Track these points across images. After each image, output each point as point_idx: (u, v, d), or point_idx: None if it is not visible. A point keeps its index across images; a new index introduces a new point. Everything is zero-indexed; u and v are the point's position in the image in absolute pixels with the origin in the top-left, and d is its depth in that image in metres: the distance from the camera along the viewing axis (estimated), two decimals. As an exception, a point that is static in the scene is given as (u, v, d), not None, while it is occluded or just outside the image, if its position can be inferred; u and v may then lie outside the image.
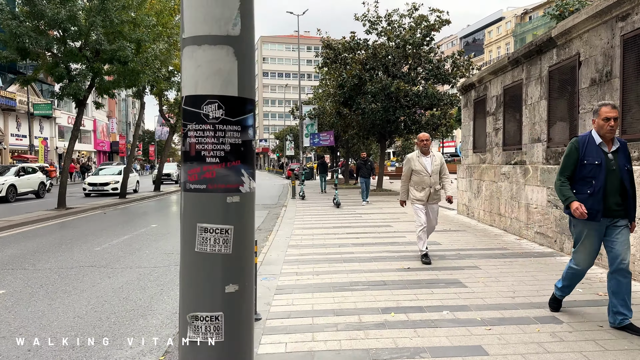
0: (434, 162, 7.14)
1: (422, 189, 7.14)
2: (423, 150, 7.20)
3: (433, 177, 7.10)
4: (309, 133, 31.78)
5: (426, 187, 7.10)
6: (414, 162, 7.16)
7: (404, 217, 12.82)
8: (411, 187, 7.29)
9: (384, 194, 21.07)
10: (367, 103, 19.33)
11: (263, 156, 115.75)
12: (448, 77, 20.08)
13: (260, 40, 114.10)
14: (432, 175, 7.09)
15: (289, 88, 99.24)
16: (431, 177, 7.08)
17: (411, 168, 7.19)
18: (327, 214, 13.97)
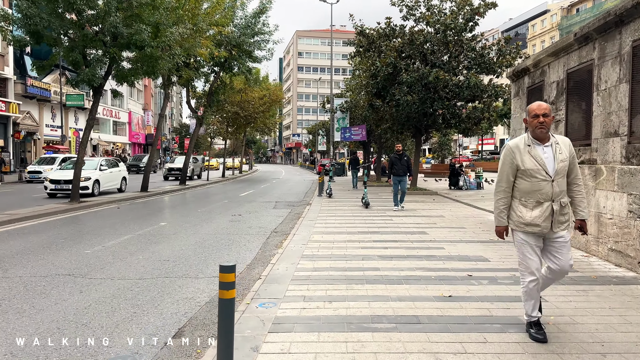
0: (558, 155, 3.94)
1: (538, 205, 3.95)
2: (538, 133, 3.94)
3: (558, 183, 3.94)
4: (340, 127, 30.34)
5: (545, 200, 3.92)
6: (521, 156, 3.96)
7: (441, 221, 11.21)
8: (515, 202, 4.06)
9: (419, 194, 19.40)
10: (401, 94, 17.69)
11: (296, 151, 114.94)
12: (493, 66, 18.21)
13: (296, 35, 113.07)
14: (557, 180, 3.93)
15: (323, 83, 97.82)
16: (554, 182, 3.91)
17: (516, 165, 3.99)
18: (353, 216, 12.50)
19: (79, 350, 4.10)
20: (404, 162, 13.63)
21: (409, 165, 13.73)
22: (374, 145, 32.97)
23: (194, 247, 8.72)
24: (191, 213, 13.90)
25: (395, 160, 13.69)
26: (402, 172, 13.62)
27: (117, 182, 20.63)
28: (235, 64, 27.24)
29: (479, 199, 17.49)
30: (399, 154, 13.76)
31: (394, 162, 13.73)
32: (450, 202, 16.24)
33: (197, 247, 8.72)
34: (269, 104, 38.62)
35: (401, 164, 13.61)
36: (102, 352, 4.08)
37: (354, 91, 30.85)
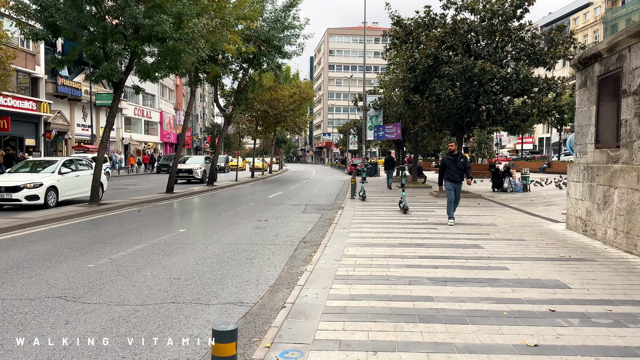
0: None
1: None
2: None
3: None
4: (373, 125, 28.97)
5: None
6: None
7: (494, 231, 9.78)
8: None
9: (461, 197, 17.82)
10: (443, 88, 16.22)
11: (327, 150, 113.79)
12: (544, 57, 16.53)
13: (327, 33, 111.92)
14: None
15: (354, 81, 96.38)
16: None
17: None
18: (391, 223, 11.18)
19: None
20: (460, 165, 10.98)
21: (466, 167, 11.07)
22: (409, 145, 31.44)
23: (211, 260, 7.60)
24: (214, 218, 12.85)
25: (449, 163, 11.02)
26: (458, 176, 10.97)
27: (87, 189, 15.47)
28: (265, 59, 26.24)
29: (528, 203, 15.88)
30: (454, 154, 11.12)
31: (447, 164, 11.05)
32: (498, 207, 14.71)
33: (214, 261, 7.59)
34: (299, 102, 37.51)
35: (457, 167, 10.95)
36: None
37: (388, 87, 29.42)
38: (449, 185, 11.08)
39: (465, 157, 11.39)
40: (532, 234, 9.41)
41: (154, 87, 60.29)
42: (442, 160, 11.54)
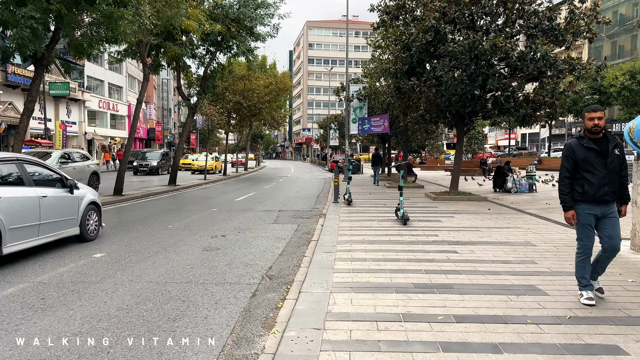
0: None
1: None
2: None
3: None
4: (357, 118, 26.03)
5: None
6: None
7: (539, 256, 6.93)
8: None
9: (464, 199, 15.07)
10: (445, 69, 13.40)
11: (306, 146, 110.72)
12: (562, 33, 13.81)
13: (306, 26, 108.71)
14: None
15: (335, 75, 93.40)
16: None
17: None
18: (390, 240, 8.27)
19: None
20: (615, 163, 4.84)
21: (622, 169, 4.95)
22: (395, 140, 28.64)
23: (106, 323, 4.54)
24: (155, 233, 9.74)
25: (590, 156, 4.80)
26: (609, 190, 4.79)
27: None
28: (234, 42, 23.10)
29: (544, 207, 13.18)
30: (596, 136, 4.85)
31: (582, 159, 4.82)
32: (515, 214, 11.94)
33: (110, 324, 4.53)
34: (276, 94, 34.41)
35: (606, 168, 4.79)
36: None
37: (373, 76, 26.55)
38: (583, 214, 4.89)
39: (620, 144, 4.88)
40: (596, 261, 6.59)
41: (122, 78, 56.39)
42: (569, 148, 4.96)
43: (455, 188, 16.17)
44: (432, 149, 48.58)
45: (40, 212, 7.20)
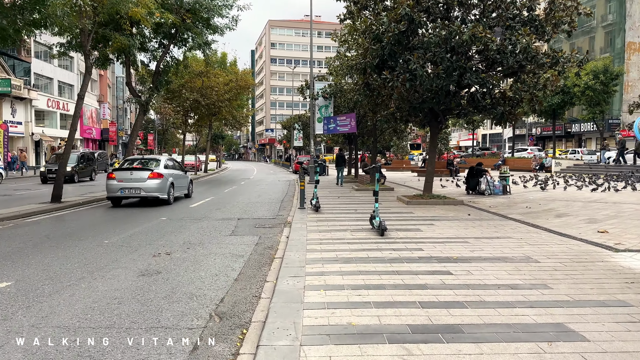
0: None
1: None
2: None
3: None
4: (322, 117, 24.73)
5: None
6: None
7: (549, 277, 5.77)
8: None
9: (439, 203, 14.00)
10: (419, 62, 12.27)
11: (270, 147, 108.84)
12: (543, 24, 12.91)
13: (268, 25, 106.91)
14: None
15: (298, 76, 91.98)
16: None
17: None
18: (369, 257, 6.98)
19: None
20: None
21: None
22: (363, 140, 27.49)
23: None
24: (87, 249, 8.10)
25: None
26: None
27: None
28: (190, 35, 21.36)
29: (526, 211, 12.24)
30: None
31: None
32: (496, 220, 10.88)
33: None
34: (236, 92, 32.71)
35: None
36: None
37: (339, 74, 25.30)
38: None
39: None
40: (620, 286, 5.46)
41: (73, 75, 53.16)
42: None
43: (429, 191, 15.07)
44: (397, 149, 47.88)
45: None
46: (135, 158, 17.21)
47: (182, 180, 16.83)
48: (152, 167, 15.28)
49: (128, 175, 14.79)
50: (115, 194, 14.81)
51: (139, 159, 16.94)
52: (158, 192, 14.75)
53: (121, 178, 14.76)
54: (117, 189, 14.68)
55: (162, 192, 14.87)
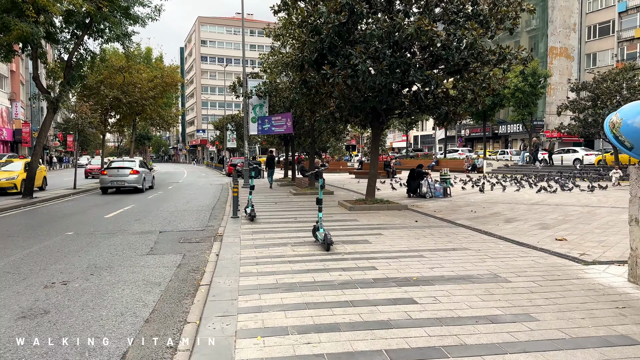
0: None
1: None
2: None
3: None
4: (256, 117, 23.36)
5: None
6: None
7: (528, 303, 4.89)
8: None
9: (382, 207, 13.15)
10: (362, 57, 11.33)
11: (201, 149, 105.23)
12: (487, 19, 12.40)
13: (198, 22, 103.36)
14: None
15: (230, 75, 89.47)
16: None
17: None
18: (311, 273, 5.89)
19: None
20: None
21: None
22: (298, 141, 26.41)
23: None
24: (-45, 281, 6.35)
25: None
26: None
27: None
28: (107, 25, 19.27)
29: (472, 215, 11.65)
30: None
31: None
32: (445, 226, 10.13)
33: None
34: (162, 89, 30.52)
35: None
36: None
37: (274, 71, 24.05)
38: None
39: None
40: (607, 310, 4.67)
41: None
42: None
43: (372, 195, 14.21)
44: (334, 151, 47.26)
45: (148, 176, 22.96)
46: (117, 160, 24.20)
47: (149, 175, 23.93)
48: (131, 166, 21.70)
49: (116, 172, 21.39)
50: (107, 185, 21.33)
51: (121, 161, 23.41)
52: (136, 183, 21.37)
53: (111, 174, 21.37)
54: (109, 181, 21.27)
55: (139, 184, 21.49)
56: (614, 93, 23.75)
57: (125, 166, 21.51)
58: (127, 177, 21.06)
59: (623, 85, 23.64)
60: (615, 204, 13.53)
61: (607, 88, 24.03)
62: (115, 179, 21.05)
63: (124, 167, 21.40)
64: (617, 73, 24.63)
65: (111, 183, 21.10)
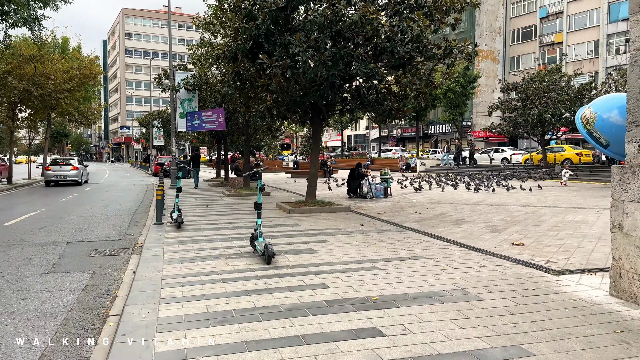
0: None
1: None
2: None
3: None
4: (185, 112, 21.75)
5: None
6: None
7: (508, 325, 4.12)
8: None
9: (325, 210, 12.26)
10: (302, 46, 10.34)
11: (126, 147, 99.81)
12: (432, 11, 11.82)
13: (122, 13, 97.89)
14: None
15: (157, 69, 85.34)
16: None
17: None
18: (250, 295, 4.86)
19: None
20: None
21: None
22: (231, 138, 25.00)
23: None
24: None
25: None
26: None
27: None
28: (12, 7, 16.98)
29: (419, 218, 11.03)
30: None
31: None
32: (394, 230, 9.39)
33: None
34: (80, 81, 27.90)
35: None
36: None
37: (203, 64, 22.49)
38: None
39: None
40: (606, 335, 3.99)
41: None
42: None
43: (312, 196, 13.26)
44: (269, 149, 45.96)
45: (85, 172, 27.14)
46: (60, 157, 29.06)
47: (85, 171, 27.32)
48: (72, 163, 25.64)
49: (59, 167, 24.96)
50: (51, 179, 24.67)
51: (62, 158, 27.72)
52: (77, 178, 24.96)
53: (54, 169, 24.81)
54: (52, 176, 24.63)
55: (79, 178, 25.17)
56: (543, 93, 24.41)
57: (67, 163, 25.61)
58: (69, 172, 24.64)
59: (552, 86, 24.35)
60: (555, 203, 13.48)
61: (536, 89, 24.67)
62: (59, 173, 24.51)
63: (65, 164, 25.36)
64: (545, 74, 25.38)
65: (55, 177, 24.52)
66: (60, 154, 59.29)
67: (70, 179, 24.62)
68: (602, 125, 5.01)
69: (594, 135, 5.09)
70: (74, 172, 24.74)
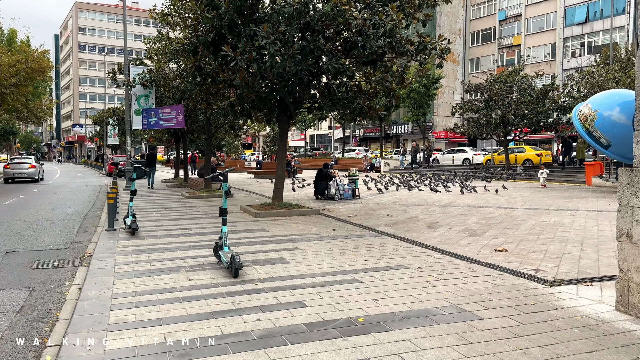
0: None
1: None
2: None
3: None
4: (141, 109, 20.56)
5: None
6: None
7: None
8: None
9: (293, 214, 11.60)
10: (269, 36, 9.63)
11: (79, 145, 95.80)
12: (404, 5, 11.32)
13: (75, 7, 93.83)
14: None
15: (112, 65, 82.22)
16: None
17: None
18: (216, 318, 4.17)
19: None
20: None
21: None
22: (191, 137, 23.92)
23: None
24: None
25: None
26: None
27: None
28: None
29: (391, 221, 10.54)
30: None
31: None
32: (368, 236, 8.83)
33: None
34: (27, 75, 26.12)
35: None
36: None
37: (161, 58, 21.35)
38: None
39: None
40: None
41: None
42: None
43: (279, 199, 12.56)
44: (230, 149, 44.74)
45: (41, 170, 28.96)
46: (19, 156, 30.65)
47: (41, 169, 28.76)
48: (29, 161, 27.11)
49: (18, 166, 26.27)
50: (10, 176, 25.89)
51: (21, 157, 29.43)
52: (35, 175, 26.59)
53: (13, 167, 26.08)
54: (11, 173, 25.90)
55: (36, 175, 26.82)
56: (505, 94, 24.55)
57: (24, 161, 27.24)
58: (27, 170, 26.27)
59: (514, 87, 24.53)
60: (525, 205, 13.30)
61: (499, 90, 24.79)
62: (17, 171, 26.01)
63: (23, 162, 27.07)
64: (508, 75, 25.56)
65: (14, 175, 26.02)
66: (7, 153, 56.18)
67: (29, 177, 26.36)
68: (603, 124, 4.72)
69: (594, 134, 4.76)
70: (31, 170, 26.35)
